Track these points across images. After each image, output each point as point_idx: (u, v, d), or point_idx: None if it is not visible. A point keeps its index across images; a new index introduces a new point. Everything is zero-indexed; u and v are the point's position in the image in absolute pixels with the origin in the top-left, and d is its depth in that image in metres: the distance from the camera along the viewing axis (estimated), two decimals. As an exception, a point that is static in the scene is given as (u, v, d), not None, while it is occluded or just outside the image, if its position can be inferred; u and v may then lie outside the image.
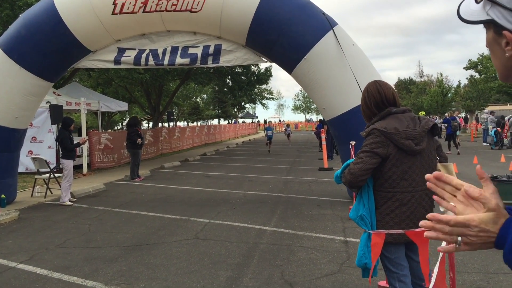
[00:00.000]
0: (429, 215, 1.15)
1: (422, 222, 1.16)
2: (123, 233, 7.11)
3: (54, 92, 15.46)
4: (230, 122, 61.08)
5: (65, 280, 5.01)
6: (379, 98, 3.21)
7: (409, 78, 78.30)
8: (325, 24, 8.76)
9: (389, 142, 3.03)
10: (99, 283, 4.89)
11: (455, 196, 1.16)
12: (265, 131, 25.12)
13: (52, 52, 9.14)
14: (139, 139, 13.35)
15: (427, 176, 1.19)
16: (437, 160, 3.31)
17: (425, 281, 3.13)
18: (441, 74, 68.51)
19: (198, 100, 64.32)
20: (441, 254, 1.50)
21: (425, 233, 1.16)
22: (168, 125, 31.28)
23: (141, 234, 7.03)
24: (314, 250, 5.98)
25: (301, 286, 4.69)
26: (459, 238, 1.12)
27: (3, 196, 9.13)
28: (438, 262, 1.43)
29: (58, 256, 5.90)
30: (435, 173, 1.18)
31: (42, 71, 9.28)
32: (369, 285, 4.55)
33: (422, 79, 75.36)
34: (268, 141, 24.17)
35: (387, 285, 3.47)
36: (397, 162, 3.05)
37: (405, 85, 74.62)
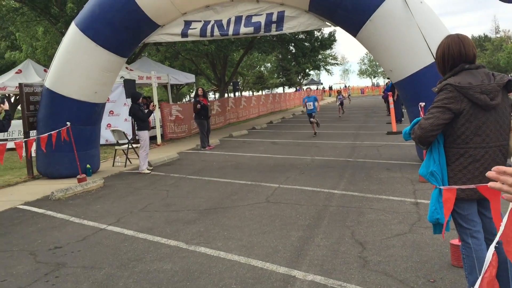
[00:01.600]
0: (494, 168, 1.21)
1: (488, 173, 1.23)
2: (199, 198, 7.52)
3: (126, 67, 16.22)
4: (297, 89, 60.68)
5: (150, 239, 5.46)
6: (459, 55, 3.11)
7: (484, 34, 73.47)
8: (391, -18, 8.49)
9: (463, 97, 3.01)
10: (181, 242, 5.28)
11: None
12: (305, 102, 16.21)
13: (124, 28, 9.59)
14: (198, 105, 13.59)
15: (489, 174, 1.22)
16: (511, 117, 3.25)
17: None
18: (520, 28, 63.65)
19: (262, 69, 64.35)
20: (510, 206, 1.57)
21: (489, 184, 1.23)
22: (234, 95, 31.76)
23: (215, 198, 7.41)
24: (384, 211, 6.04)
25: (371, 245, 4.81)
26: None
27: (88, 166, 9.88)
28: (508, 212, 1.51)
29: (142, 219, 6.40)
30: (495, 167, 1.23)
31: (116, 47, 9.79)
32: (443, 240, 4.58)
33: (498, 35, 70.42)
34: (311, 118, 16.01)
35: (459, 243, 3.51)
36: (471, 118, 3.02)
37: (479, 42, 70.22)
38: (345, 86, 74.68)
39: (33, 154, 10.15)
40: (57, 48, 10.20)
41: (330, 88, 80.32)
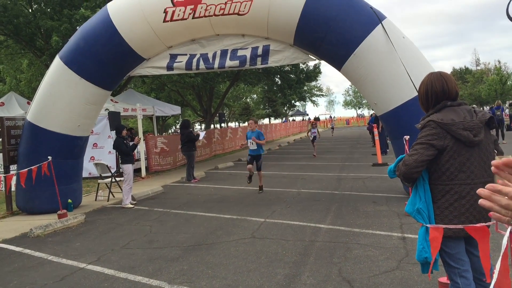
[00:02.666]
0: (488, 185, 1.12)
1: (480, 190, 1.14)
2: (183, 233, 7.35)
3: (111, 100, 16.14)
4: (283, 120, 61.03)
5: (131, 279, 5.26)
6: (441, 92, 3.13)
7: (465, 67, 75.29)
8: (373, 18, 8.66)
9: (446, 134, 3.00)
10: (163, 282, 5.10)
11: None
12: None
13: (109, 62, 9.57)
14: (199, 133, 14.46)
15: (495, 162, 1.16)
16: (495, 153, 3.24)
17: (486, 276, 3.08)
18: (499, 61, 65.42)
19: (248, 100, 64.86)
20: (503, 248, 1.50)
21: (480, 201, 1.14)
22: (220, 126, 31.78)
23: (199, 234, 7.25)
24: (371, 247, 5.95)
25: (359, 283, 4.69)
26: None
27: (70, 200, 9.66)
28: (500, 257, 1.44)
29: (123, 257, 6.20)
30: (504, 159, 1.15)
31: (100, 80, 9.74)
32: (429, 280, 4.49)
33: (478, 68, 72.21)
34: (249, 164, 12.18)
35: (448, 281, 3.43)
36: (455, 154, 3.01)
37: (460, 74, 71.85)
38: (330, 117, 75.36)
39: (13, 189, 9.90)
40: (41, 81, 10.12)
41: (317, 119, 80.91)
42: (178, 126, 63.79)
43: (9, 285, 5.32)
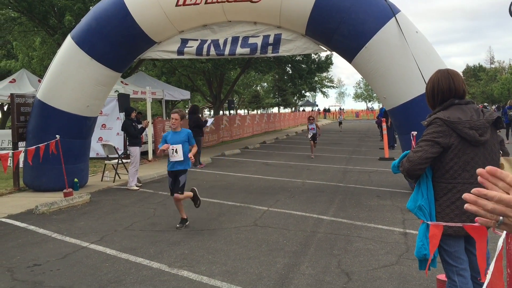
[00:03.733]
0: (474, 190, 1.13)
1: (465, 195, 1.15)
2: (186, 218, 7.40)
3: (121, 82, 16.18)
4: (293, 110, 60.85)
5: (132, 260, 5.33)
6: (448, 90, 3.11)
7: (479, 64, 74.40)
8: (387, 11, 8.57)
9: (452, 132, 2.99)
10: (163, 264, 5.16)
11: (508, 193, 1.14)
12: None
13: (120, 44, 9.58)
14: (207, 120, 14.76)
15: (479, 170, 1.16)
16: (500, 154, 3.22)
17: (481, 275, 3.08)
18: (514, 60, 64.67)
19: (258, 88, 64.71)
20: (498, 249, 1.50)
21: (465, 206, 1.14)
22: (229, 113, 31.80)
23: (202, 219, 7.30)
24: (372, 240, 5.96)
25: (358, 276, 4.71)
26: (501, 218, 1.11)
27: (76, 180, 9.75)
28: (494, 259, 1.44)
29: (126, 238, 6.27)
30: (488, 167, 1.16)
31: (111, 61, 9.75)
32: (426, 277, 4.50)
33: (492, 66, 71.34)
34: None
35: (445, 279, 3.44)
36: (459, 153, 3.00)
37: (473, 72, 71.08)
38: (340, 109, 75.03)
39: (21, 165, 10.01)
40: (53, 59, 10.17)
41: (327, 110, 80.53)
42: (186, 111, 63.95)
43: (12, 260, 5.40)
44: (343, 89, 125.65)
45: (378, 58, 8.68)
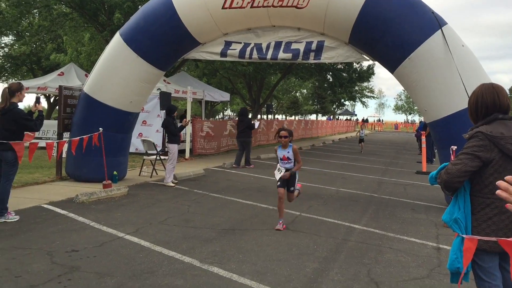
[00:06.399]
0: (507, 177, 1.16)
1: (499, 182, 1.17)
2: (219, 216, 7.52)
3: (164, 80, 16.57)
4: (333, 118, 60.43)
5: (165, 253, 5.47)
6: (492, 104, 3.06)
7: (528, 82, 71.74)
8: (433, 23, 8.46)
9: (494, 147, 2.95)
10: (195, 259, 5.27)
11: None
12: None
13: (166, 43, 9.83)
14: (254, 122, 15.49)
15: (499, 182, 1.20)
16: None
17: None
18: None
19: (297, 94, 64.67)
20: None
21: (497, 191, 1.17)
22: (267, 117, 31.93)
23: (235, 219, 7.39)
24: (403, 253, 5.89)
25: (387, 286, 4.68)
26: None
27: (115, 172, 10.05)
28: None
29: (160, 232, 6.43)
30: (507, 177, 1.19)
31: (156, 60, 10.02)
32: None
33: (542, 84, 68.70)
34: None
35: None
36: (500, 168, 2.95)
37: (520, 89, 68.70)
38: (379, 120, 73.92)
39: (64, 155, 10.41)
40: (100, 55, 10.53)
41: (366, 120, 79.52)
42: (226, 113, 64.46)
43: (52, 244, 5.64)
44: (383, 100, 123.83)
45: (421, 70, 8.57)
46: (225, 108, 60.35)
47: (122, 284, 4.43)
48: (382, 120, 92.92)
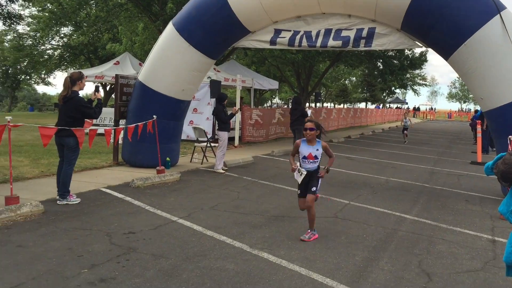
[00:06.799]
0: None
1: None
2: (268, 203, 7.64)
3: (214, 69, 16.80)
4: (383, 106, 59.17)
5: (216, 238, 5.64)
6: None
7: None
8: (491, 7, 8.12)
9: None
10: (245, 245, 5.41)
11: None
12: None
13: (217, 32, 9.98)
14: (308, 110, 15.56)
15: None
16: None
17: None
18: None
19: (346, 82, 63.69)
20: None
21: None
22: (315, 105, 31.73)
23: (283, 206, 7.49)
24: (456, 244, 5.79)
25: (439, 277, 4.63)
26: None
27: (168, 159, 10.37)
28: None
29: (211, 217, 6.62)
30: None
31: (207, 48, 10.20)
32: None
33: None
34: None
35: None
36: None
37: None
38: (432, 109, 71.66)
39: (120, 142, 10.83)
40: (154, 45, 10.83)
41: (417, 109, 77.25)
42: (274, 101, 64.53)
43: (111, 226, 5.94)
44: (436, 87, 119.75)
45: (477, 57, 8.28)
46: (273, 96, 60.37)
47: (176, 266, 4.63)
48: (435, 108, 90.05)
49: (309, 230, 5.80)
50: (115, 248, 5.11)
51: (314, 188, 5.69)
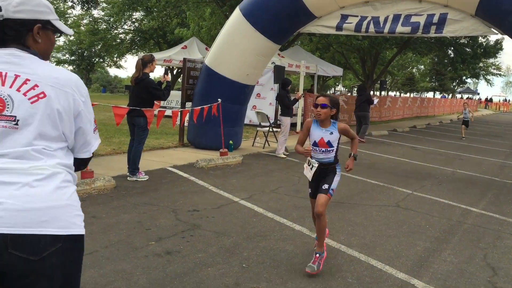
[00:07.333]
0: None
1: None
2: (328, 189, 7.64)
3: (278, 54, 16.83)
4: (453, 96, 56.72)
5: (277, 220, 5.77)
6: None
7: None
8: None
9: None
10: (305, 228, 5.50)
11: None
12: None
13: (283, 17, 10.00)
14: (375, 98, 16.01)
15: None
16: None
17: None
18: None
19: (414, 70, 61.48)
20: None
21: None
22: (380, 93, 31.00)
23: (343, 193, 7.47)
24: (525, 240, 5.56)
25: (505, 272, 4.49)
26: None
27: (231, 142, 10.61)
28: None
29: (271, 199, 6.75)
30: None
31: (272, 34, 10.25)
32: None
33: None
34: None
35: None
36: None
37: None
38: (505, 100, 67.72)
39: (186, 124, 11.20)
40: (220, 30, 11.03)
41: (489, 100, 73.25)
42: (337, 88, 63.70)
43: (176, 203, 6.22)
44: (511, 78, 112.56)
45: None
46: (337, 84, 59.43)
47: (237, 244, 4.79)
48: (509, 100, 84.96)
49: (317, 254, 4.20)
50: (180, 223, 5.36)
51: (326, 186, 4.45)
